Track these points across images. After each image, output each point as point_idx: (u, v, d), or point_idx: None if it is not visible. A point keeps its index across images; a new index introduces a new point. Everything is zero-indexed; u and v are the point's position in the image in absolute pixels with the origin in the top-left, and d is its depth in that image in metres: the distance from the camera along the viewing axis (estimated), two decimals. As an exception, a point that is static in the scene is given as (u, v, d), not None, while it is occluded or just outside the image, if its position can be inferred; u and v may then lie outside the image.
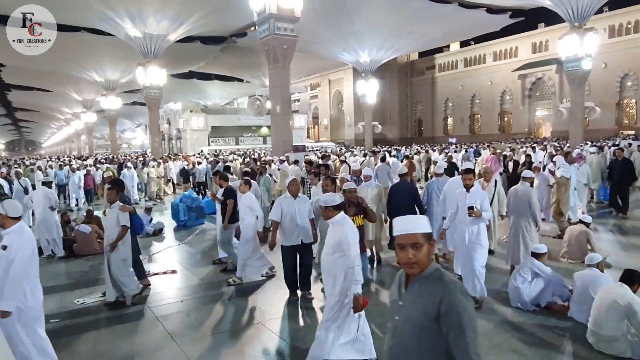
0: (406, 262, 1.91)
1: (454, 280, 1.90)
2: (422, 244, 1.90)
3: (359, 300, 3.87)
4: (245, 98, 60.61)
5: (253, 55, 35.93)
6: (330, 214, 4.22)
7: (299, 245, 5.76)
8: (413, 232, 1.91)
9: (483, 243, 5.44)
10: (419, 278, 1.92)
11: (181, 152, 42.08)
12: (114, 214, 5.98)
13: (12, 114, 74.97)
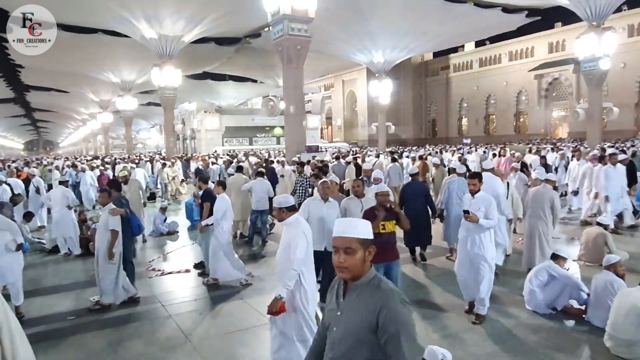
0: (337, 266, 1.85)
1: (393, 289, 1.82)
2: (355, 249, 1.83)
3: (277, 303, 3.69)
4: (259, 98, 60.87)
5: (267, 56, 36.05)
6: (284, 215, 4.12)
7: (322, 252, 5.39)
8: (347, 236, 1.84)
9: (488, 256, 5.04)
10: (356, 286, 1.85)
11: (195, 152, 42.45)
12: (105, 217, 5.92)
13: (30, 115, 76.32)
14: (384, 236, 4.76)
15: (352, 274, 1.84)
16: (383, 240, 4.65)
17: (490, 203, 5.06)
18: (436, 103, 63.61)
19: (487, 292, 5.10)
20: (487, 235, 5.05)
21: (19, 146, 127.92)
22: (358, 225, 1.90)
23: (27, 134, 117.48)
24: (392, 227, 4.96)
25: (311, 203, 5.64)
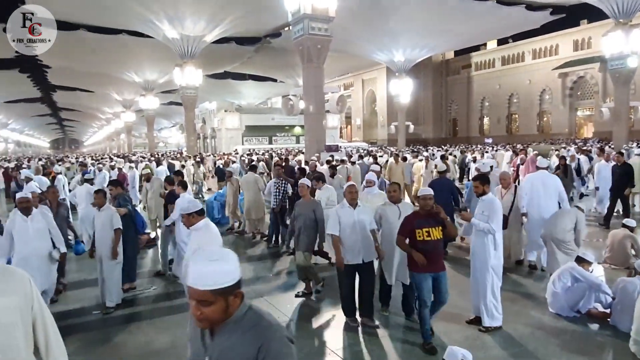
0: (194, 316, 1.58)
1: (273, 326, 1.60)
2: (211, 301, 1.53)
3: None
4: (278, 98, 61.19)
5: (287, 55, 36.20)
6: (193, 220, 3.99)
7: (359, 264, 4.93)
8: (199, 288, 1.52)
9: (489, 263, 4.77)
10: (227, 324, 1.59)
11: (215, 151, 42.88)
12: (104, 216, 5.81)
13: (57, 114, 78.31)
14: (429, 244, 4.38)
15: (213, 322, 1.58)
16: (429, 248, 4.36)
17: (494, 209, 4.77)
18: (457, 102, 62.88)
19: (491, 302, 4.79)
20: (490, 240, 4.77)
21: (46, 144, 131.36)
22: (210, 275, 1.51)
23: (53, 133, 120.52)
24: (438, 234, 4.45)
25: (340, 210, 5.06)
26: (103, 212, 5.86)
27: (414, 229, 4.41)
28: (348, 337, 4.88)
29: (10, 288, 2.11)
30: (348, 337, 4.88)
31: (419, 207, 4.60)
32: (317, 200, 6.17)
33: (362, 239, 4.91)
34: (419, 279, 4.41)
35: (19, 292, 2.12)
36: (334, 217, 5.01)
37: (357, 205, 5.04)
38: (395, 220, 4.99)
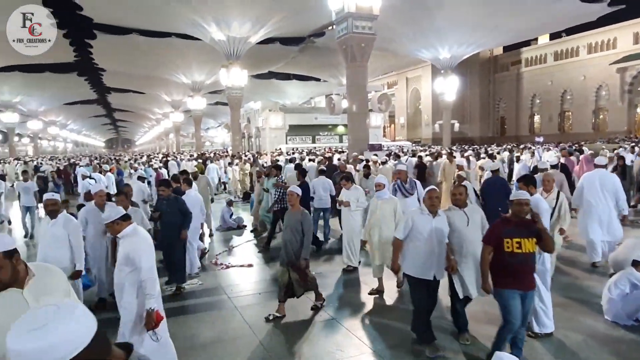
0: None
1: None
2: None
3: (151, 316, 3.57)
4: (322, 97, 61.39)
5: (330, 54, 36.22)
6: (118, 227, 3.82)
7: (429, 280, 4.36)
8: None
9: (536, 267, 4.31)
10: None
11: (260, 150, 43.59)
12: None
13: (111, 115, 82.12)
14: (518, 257, 3.75)
15: None
16: (517, 261, 3.76)
17: (538, 208, 4.42)
18: (505, 100, 60.75)
19: (539, 307, 4.54)
20: None
21: (101, 144, 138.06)
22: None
23: (108, 133, 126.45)
24: (531, 246, 3.77)
25: (417, 217, 4.44)
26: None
27: (501, 238, 3.81)
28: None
29: (53, 286, 2.17)
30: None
31: (512, 214, 3.91)
32: (305, 211, 5.60)
33: (438, 252, 4.31)
34: (507, 297, 3.82)
35: (60, 289, 2.19)
36: (407, 222, 4.45)
37: (437, 214, 4.39)
38: (464, 227, 4.43)
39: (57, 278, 2.25)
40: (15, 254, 2.06)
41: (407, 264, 4.47)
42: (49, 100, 56.29)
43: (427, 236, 4.31)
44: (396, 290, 6.34)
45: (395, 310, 5.72)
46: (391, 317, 5.44)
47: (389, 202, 6.10)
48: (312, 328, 5.17)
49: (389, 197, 6.17)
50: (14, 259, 2.04)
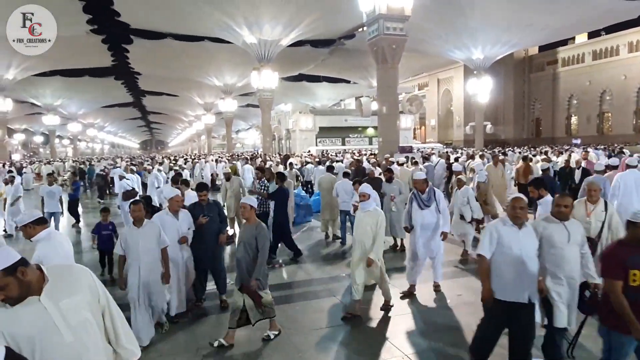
0: None
1: None
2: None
3: None
4: (352, 99, 61.27)
5: (360, 56, 36.15)
6: (32, 231, 3.60)
7: (519, 304, 3.68)
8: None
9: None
10: None
11: (290, 151, 43.86)
12: (150, 232, 4.90)
13: (145, 117, 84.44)
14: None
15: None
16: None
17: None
18: (541, 100, 59.10)
19: None
20: None
21: (136, 145, 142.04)
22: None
23: (143, 135, 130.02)
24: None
25: (502, 229, 3.79)
26: (145, 228, 4.92)
27: (626, 269, 3.11)
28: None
29: (74, 286, 2.15)
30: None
31: (631, 237, 3.24)
32: (261, 224, 4.93)
33: (530, 270, 3.70)
34: (621, 342, 3.24)
35: (83, 287, 2.16)
36: (490, 235, 3.81)
37: (523, 225, 3.76)
38: (564, 244, 3.84)
39: (78, 276, 2.22)
40: (20, 266, 1.98)
41: (493, 286, 3.78)
42: (87, 104, 58.40)
43: (517, 251, 3.69)
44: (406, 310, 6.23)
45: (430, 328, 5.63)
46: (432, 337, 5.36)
47: (371, 215, 5.40)
48: (342, 329, 5.15)
49: (373, 209, 5.46)
50: (17, 272, 1.96)
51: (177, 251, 5.51)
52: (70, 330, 2.07)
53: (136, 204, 4.95)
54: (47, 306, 2.04)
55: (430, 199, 6.21)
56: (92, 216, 14.11)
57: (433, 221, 6.18)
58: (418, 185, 6.30)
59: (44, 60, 35.82)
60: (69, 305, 2.08)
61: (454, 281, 6.79)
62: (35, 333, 2.01)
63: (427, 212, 6.17)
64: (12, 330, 1.99)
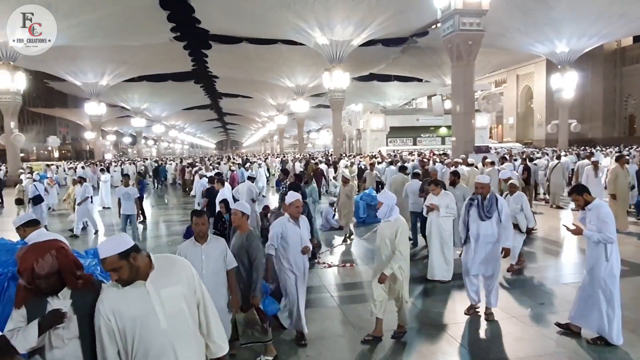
0: None
1: None
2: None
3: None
4: (423, 98, 59.96)
5: (433, 54, 35.28)
6: (23, 233, 3.60)
7: None
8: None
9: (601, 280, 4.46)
10: None
11: (360, 152, 43.83)
12: (215, 251, 3.97)
13: (222, 118, 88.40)
14: None
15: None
16: None
17: (600, 214, 4.40)
18: (635, 96, 54.01)
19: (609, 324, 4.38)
20: (602, 250, 4.41)
21: (212, 146, 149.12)
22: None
23: (219, 135, 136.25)
24: None
25: None
26: (210, 244, 3.99)
27: None
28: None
29: (175, 277, 2.33)
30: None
31: None
32: (252, 234, 4.44)
33: None
34: None
35: (182, 279, 2.35)
36: None
37: None
38: None
39: (179, 268, 2.40)
40: (132, 252, 2.21)
41: None
42: (170, 106, 62.29)
43: None
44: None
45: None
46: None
47: (390, 226, 4.73)
48: (408, 331, 5.05)
49: (393, 219, 4.74)
50: (130, 257, 2.21)
51: (301, 264, 4.81)
52: (166, 317, 2.24)
53: (200, 215, 3.99)
54: (150, 291, 2.25)
55: (492, 208, 5.33)
56: (162, 214, 15.12)
57: (493, 234, 5.32)
58: (484, 190, 5.39)
59: (133, 67, 38.87)
60: (169, 294, 2.27)
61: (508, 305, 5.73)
62: (137, 315, 2.23)
63: (488, 223, 5.32)
64: (120, 308, 2.23)
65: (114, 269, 2.18)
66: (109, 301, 2.24)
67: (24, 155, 49.83)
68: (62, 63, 35.72)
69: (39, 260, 2.27)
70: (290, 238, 4.72)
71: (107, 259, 2.18)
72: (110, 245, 2.21)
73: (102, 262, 2.22)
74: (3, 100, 26.68)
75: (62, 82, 43.20)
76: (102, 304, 2.25)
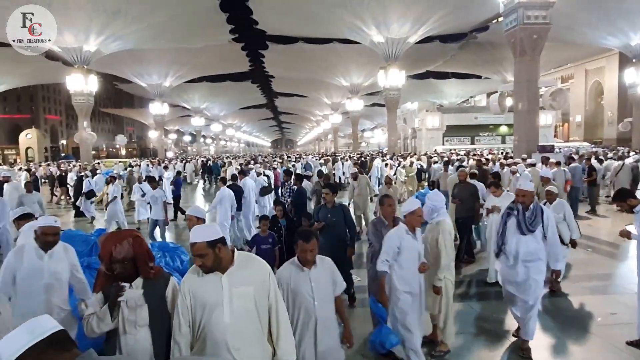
0: None
1: None
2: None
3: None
4: (482, 95, 57.91)
5: (494, 49, 33.97)
6: (18, 225, 3.90)
7: None
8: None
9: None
10: None
11: (415, 151, 43.10)
12: (325, 272, 3.14)
13: (277, 117, 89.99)
14: None
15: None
16: None
17: None
18: None
19: None
20: None
21: (267, 144, 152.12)
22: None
23: (274, 134, 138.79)
24: None
25: None
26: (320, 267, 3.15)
27: None
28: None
29: (250, 277, 2.40)
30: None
31: None
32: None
33: None
34: None
35: (257, 281, 2.41)
36: None
37: None
38: None
39: (257, 270, 2.46)
40: (219, 243, 2.32)
41: None
42: (227, 106, 64.21)
43: None
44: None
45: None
46: None
47: (430, 229, 4.42)
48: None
49: (435, 222, 4.37)
50: (216, 248, 2.31)
51: (416, 285, 4.01)
52: (231, 313, 2.32)
53: (308, 239, 3.01)
54: (223, 285, 2.35)
55: (536, 221, 4.36)
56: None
57: (536, 252, 4.37)
58: (526, 197, 4.40)
59: (194, 68, 40.45)
60: (240, 292, 2.35)
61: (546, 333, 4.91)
62: (207, 303, 2.34)
63: (530, 238, 4.36)
64: (197, 292, 2.37)
65: (200, 254, 2.31)
66: (189, 282, 2.40)
67: (95, 153, 53.32)
68: (129, 66, 37.78)
69: (117, 246, 2.47)
70: (405, 252, 3.94)
71: (196, 244, 2.31)
72: (202, 233, 2.34)
73: (191, 246, 2.35)
74: (78, 101, 28.64)
75: (129, 83, 45.67)
76: (184, 283, 2.42)
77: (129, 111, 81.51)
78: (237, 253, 2.45)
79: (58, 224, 3.61)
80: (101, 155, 65.74)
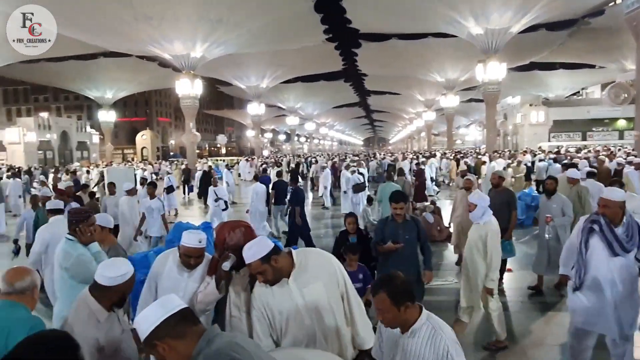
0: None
1: None
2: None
3: None
4: (595, 87, 52.64)
5: (610, 36, 30.70)
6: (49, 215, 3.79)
7: None
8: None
9: None
10: None
11: (517, 148, 40.51)
12: None
13: (369, 116, 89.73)
14: None
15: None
16: None
17: None
18: None
19: None
20: None
21: (360, 142, 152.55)
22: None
23: (366, 132, 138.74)
24: None
25: None
26: None
27: None
28: None
29: (315, 273, 2.42)
30: None
31: None
32: (118, 247, 4.13)
33: None
34: None
35: (324, 275, 2.43)
36: None
37: None
38: None
39: (322, 262, 2.49)
40: (273, 255, 2.33)
41: None
42: (321, 105, 65.51)
43: None
44: None
45: None
46: None
47: (477, 230, 4.38)
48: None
49: (482, 223, 4.33)
50: (271, 260, 2.33)
51: None
52: (309, 314, 2.38)
53: None
54: (292, 289, 2.39)
55: (633, 239, 3.47)
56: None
57: (630, 277, 3.50)
58: (608, 209, 3.53)
59: (289, 69, 41.86)
60: (311, 291, 2.38)
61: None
62: (284, 309, 2.40)
63: (624, 261, 3.47)
64: (270, 303, 2.42)
65: (258, 272, 2.34)
66: (260, 296, 2.43)
67: (199, 152, 57.45)
68: (230, 69, 40.13)
69: (230, 232, 2.67)
70: None
71: (252, 264, 2.35)
72: (252, 252, 2.34)
73: (248, 267, 2.39)
74: (185, 104, 31.08)
75: (229, 86, 48.53)
76: (254, 299, 2.45)
77: (229, 112, 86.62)
78: (294, 253, 2.47)
79: (203, 244, 2.84)
80: (204, 154, 70.70)
